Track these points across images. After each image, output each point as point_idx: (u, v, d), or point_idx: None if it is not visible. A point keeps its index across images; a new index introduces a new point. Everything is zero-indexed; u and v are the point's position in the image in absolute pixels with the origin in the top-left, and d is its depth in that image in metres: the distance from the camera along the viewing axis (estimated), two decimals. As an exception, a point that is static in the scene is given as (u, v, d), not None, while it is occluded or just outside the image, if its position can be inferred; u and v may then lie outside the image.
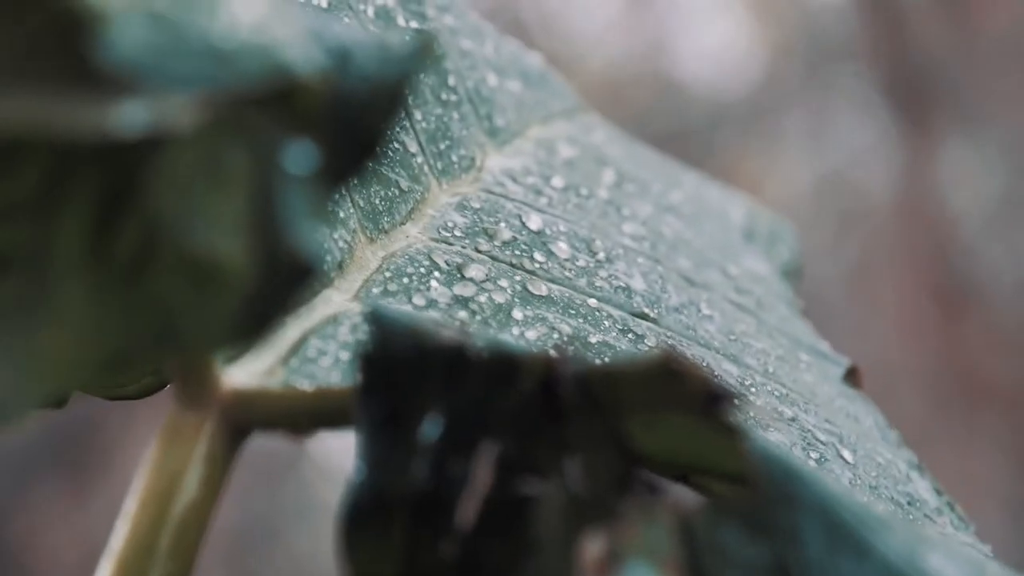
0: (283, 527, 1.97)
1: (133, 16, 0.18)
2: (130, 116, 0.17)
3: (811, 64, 2.28)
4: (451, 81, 0.34)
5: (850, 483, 0.28)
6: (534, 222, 0.31)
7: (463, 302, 0.28)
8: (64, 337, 0.19)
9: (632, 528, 0.19)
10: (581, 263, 0.31)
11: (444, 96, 0.33)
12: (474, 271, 0.29)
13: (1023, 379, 1.95)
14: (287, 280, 0.19)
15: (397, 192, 0.30)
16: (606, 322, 0.29)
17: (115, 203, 0.18)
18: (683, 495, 0.20)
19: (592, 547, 0.20)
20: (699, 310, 0.31)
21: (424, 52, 0.21)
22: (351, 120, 0.19)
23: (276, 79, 0.18)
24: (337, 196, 0.20)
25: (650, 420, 0.21)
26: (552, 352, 0.21)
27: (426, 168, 0.31)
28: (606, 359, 0.28)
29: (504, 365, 0.21)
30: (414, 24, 0.34)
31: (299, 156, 0.19)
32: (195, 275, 0.19)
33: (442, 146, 0.32)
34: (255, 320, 0.20)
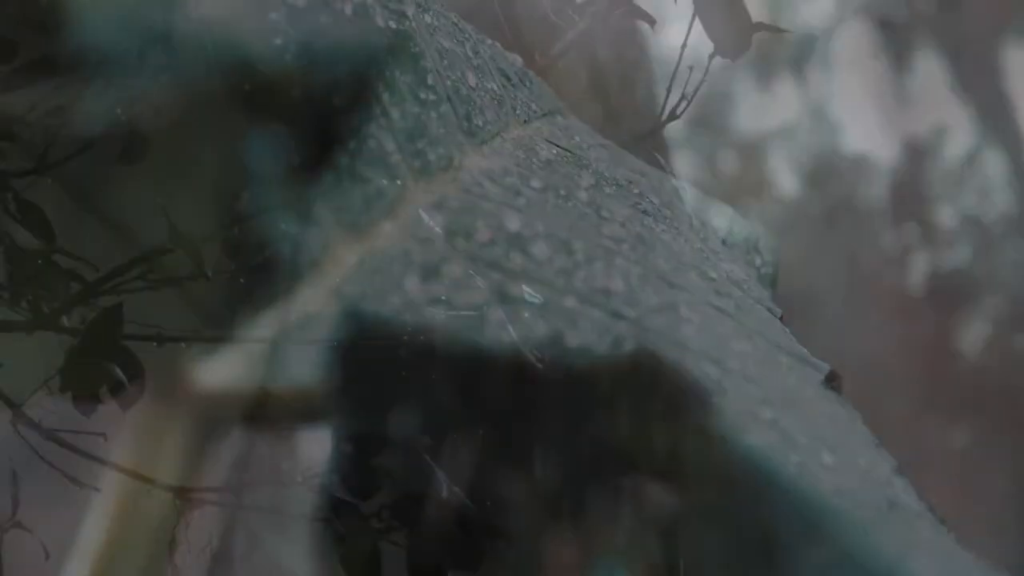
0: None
1: (99, 7, 0.17)
2: (95, 107, 0.17)
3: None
4: (430, 80, 0.33)
5: (831, 486, 0.28)
6: (512, 222, 0.31)
7: (439, 301, 0.27)
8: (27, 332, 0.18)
9: (606, 526, 0.19)
10: (559, 264, 0.30)
11: (422, 95, 0.33)
12: (451, 270, 0.28)
13: (1020, 380, 1.95)
14: (256, 274, 0.19)
15: (374, 191, 0.29)
16: (584, 323, 0.28)
17: (83, 195, 0.18)
18: (658, 494, 0.20)
19: (566, 545, 0.19)
20: (678, 312, 0.31)
21: (395, 50, 0.20)
22: (319, 116, 0.19)
23: (243, 73, 0.18)
24: (307, 191, 0.20)
25: (625, 420, 0.20)
26: (527, 352, 0.21)
27: (404, 167, 0.31)
28: (583, 360, 0.27)
29: (476, 364, 0.21)
30: (392, 23, 0.33)
31: (266, 150, 0.19)
32: (164, 270, 0.19)
33: (420, 145, 0.32)
34: (225, 315, 0.19)
